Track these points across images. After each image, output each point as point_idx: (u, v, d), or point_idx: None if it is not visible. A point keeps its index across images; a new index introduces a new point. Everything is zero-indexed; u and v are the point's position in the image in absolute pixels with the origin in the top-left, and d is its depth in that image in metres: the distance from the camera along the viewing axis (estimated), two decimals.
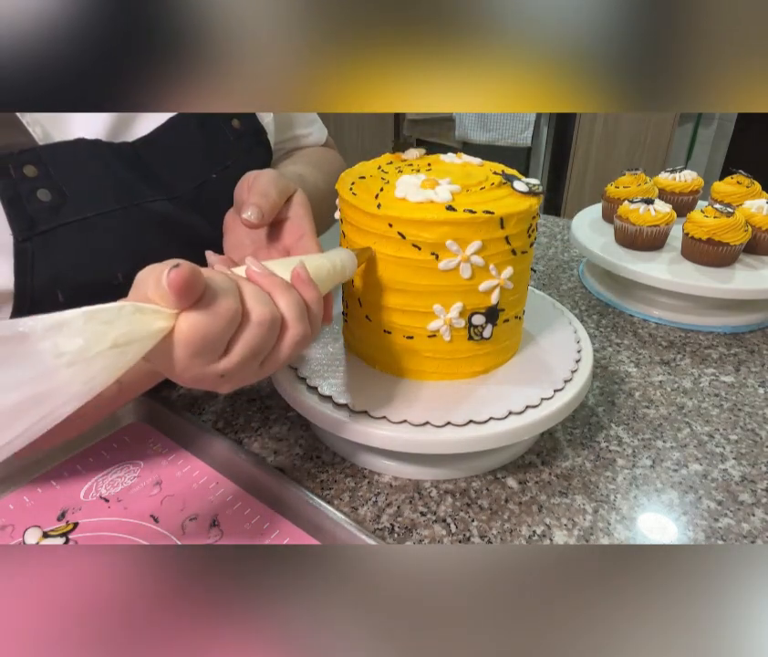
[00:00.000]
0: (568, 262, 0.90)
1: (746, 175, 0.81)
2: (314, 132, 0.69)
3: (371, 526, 0.45)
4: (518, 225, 0.44)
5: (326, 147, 0.72)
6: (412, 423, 0.43)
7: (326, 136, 0.73)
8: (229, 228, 0.46)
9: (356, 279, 0.48)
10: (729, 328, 0.72)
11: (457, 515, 0.46)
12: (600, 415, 0.57)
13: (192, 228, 0.49)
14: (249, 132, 0.55)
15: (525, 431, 0.44)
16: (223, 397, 0.59)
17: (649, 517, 0.46)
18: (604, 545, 0.43)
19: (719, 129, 2.44)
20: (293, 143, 0.67)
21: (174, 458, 0.51)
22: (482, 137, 2.45)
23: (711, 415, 0.57)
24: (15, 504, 0.46)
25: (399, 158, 0.52)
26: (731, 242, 0.69)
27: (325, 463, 0.51)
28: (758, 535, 0.45)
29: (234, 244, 0.45)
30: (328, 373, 0.49)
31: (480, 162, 0.51)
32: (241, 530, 0.44)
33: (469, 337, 0.46)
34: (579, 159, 2.39)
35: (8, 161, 0.40)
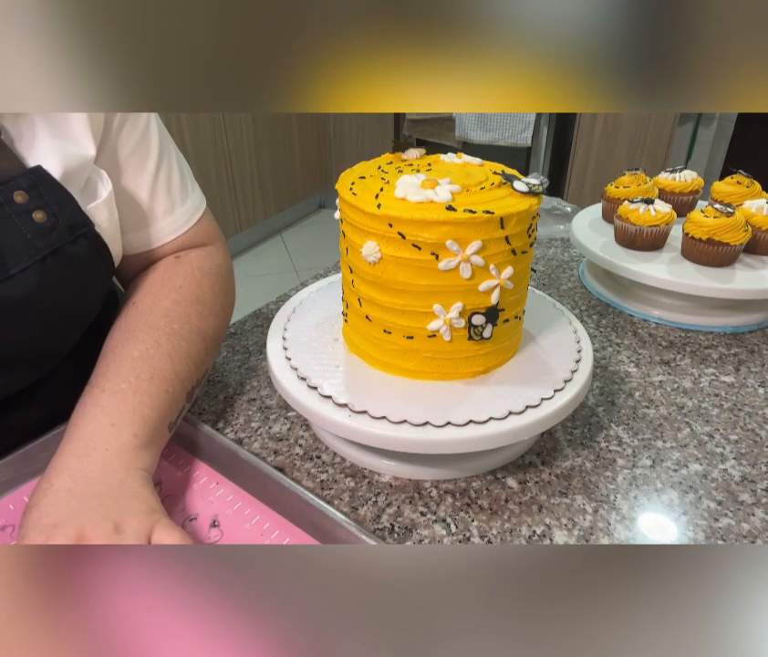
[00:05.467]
0: (568, 262, 0.90)
1: (746, 175, 0.80)
2: (177, 218, 0.55)
3: (371, 526, 0.45)
4: (518, 225, 0.44)
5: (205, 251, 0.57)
6: (412, 423, 0.43)
7: (203, 211, 0.58)
8: None
9: (355, 279, 0.48)
10: (729, 328, 0.72)
11: (457, 515, 0.46)
12: (600, 415, 0.57)
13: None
14: (61, 226, 0.44)
15: (525, 431, 0.44)
16: (223, 397, 0.59)
17: (649, 517, 0.46)
18: (604, 545, 0.43)
19: (719, 129, 2.44)
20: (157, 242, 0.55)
21: (174, 458, 0.50)
22: (482, 137, 2.45)
23: (711, 415, 0.57)
24: (15, 504, 0.46)
25: (399, 158, 0.52)
26: (731, 242, 0.69)
27: (325, 463, 0.51)
28: (758, 535, 0.45)
29: None
30: (328, 373, 0.49)
31: (480, 162, 0.51)
32: (241, 530, 0.44)
33: (469, 337, 0.46)
34: (579, 159, 2.39)
35: None
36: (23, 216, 0.43)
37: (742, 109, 0.36)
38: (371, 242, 0.44)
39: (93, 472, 0.41)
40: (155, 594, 0.28)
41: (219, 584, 0.28)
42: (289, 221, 3.24)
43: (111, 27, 0.33)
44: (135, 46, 0.34)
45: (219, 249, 0.60)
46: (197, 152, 2.49)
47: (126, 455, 0.42)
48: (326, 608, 0.27)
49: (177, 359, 0.49)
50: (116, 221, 0.51)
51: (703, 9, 0.34)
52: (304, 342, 0.53)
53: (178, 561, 0.29)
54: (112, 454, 0.42)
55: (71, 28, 0.33)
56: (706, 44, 0.35)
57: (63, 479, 0.40)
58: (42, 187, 0.43)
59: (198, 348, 0.51)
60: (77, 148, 0.46)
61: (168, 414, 0.47)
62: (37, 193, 0.43)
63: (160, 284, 0.53)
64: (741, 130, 2.38)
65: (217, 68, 0.35)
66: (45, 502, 0.39)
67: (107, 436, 0.42)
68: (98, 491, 0.39)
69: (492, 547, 0.43)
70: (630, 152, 2.30)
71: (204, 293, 0.54)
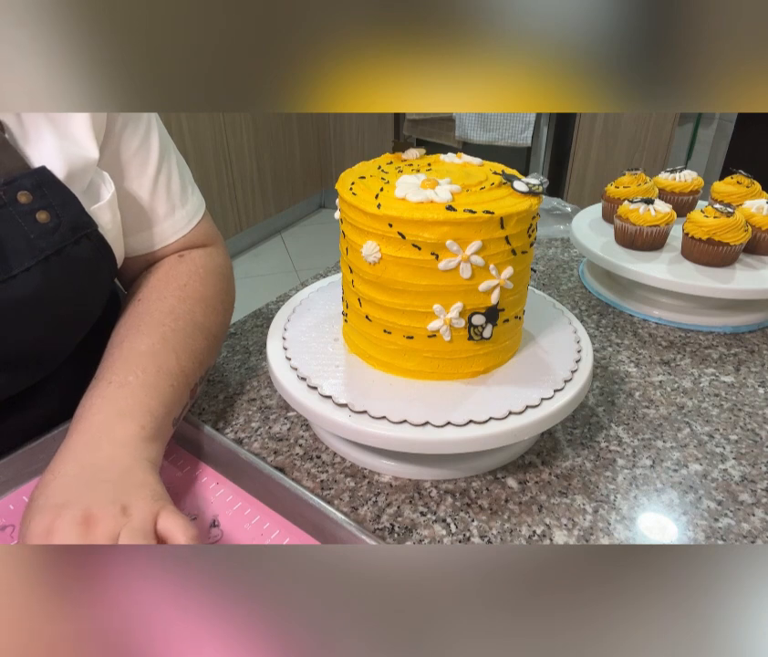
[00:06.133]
0: (568, 262, 0.90)
1: (746, 175, 0.81)
2: (178, 220, 0.56)
3: (371, 526, 0.45)
4: (518, 225, 0.44)
5: (206, 251, 0.58)
6: (412, 423, 0.43)
7: (203, 213, 0.59)
8: None
9: (355, 279, 0.48)
10: (729, 328, 0.72)
11: (457, 515, 0.46)
12: (600, 415, 0.57)
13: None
14: (64, 226, 0.44)
15: (525, 431, 0.44)
16: (223, 397, 0.59)
17: (649, 517, 0.46)
18: (604, 545, 0.43)
19: (719, 129, 2.44)
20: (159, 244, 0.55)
21: (174, 458, 0.50)
22: (482, 137, 2.45)
23: (711, 415, 0.57)
24: (15, 504, 0.46)
25: (399, 158, 0.52)
26: (731, 242, 0.69)
27: (325, 463, 0.51)
28: (758, 535, 0.45)
29: None
30: (328, 373, 0.49)
31: (480, 162, 0.51)
32: (241, 530, 0.44)
33: (469, 337, 0.46)
34: (579, 159, 2.39)
35: None
36: (26, 217, 0.43)
37: (742, 109, 0.36)
38: (371, 242, 0.44)
39: (100, 460, 0.41)
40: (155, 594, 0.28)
41: (219, 584, 0.28)
42: (289, 221, 3.24)
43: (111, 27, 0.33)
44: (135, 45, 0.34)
45: (219, 250, 0.60)
46: (197, 153, 2.49)
47: (133, 445, 0.42)
48: (326, 608, 0.27)
49: (182, 355, 0.49)
50: (118, 223, 0.51)
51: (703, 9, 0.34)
52: (304, 342, 0.53)
53: (178, 561, 0.29)
54: (119, 444, 0.42)
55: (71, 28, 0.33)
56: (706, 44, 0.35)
57: (70, 466, 0.40)
58: (46, 188, 0.43)
59: (202, 345, 0.52)
60: (81, 150, 0.46)
61: (173, 409, 0.47)
62: (41, 194, 0.43)
63: (164, 281, 0.53)
64: (741, 130, 2.38)
65: (217, 68, 0.35)
66: (52, 485, 0.39)
67: (114, 426, 0.42)
68: (105, 477, 0.39)
69: (492, 547, 0.43)
70: (630, 152, 2.30)
71: (208, 291, 0.55)
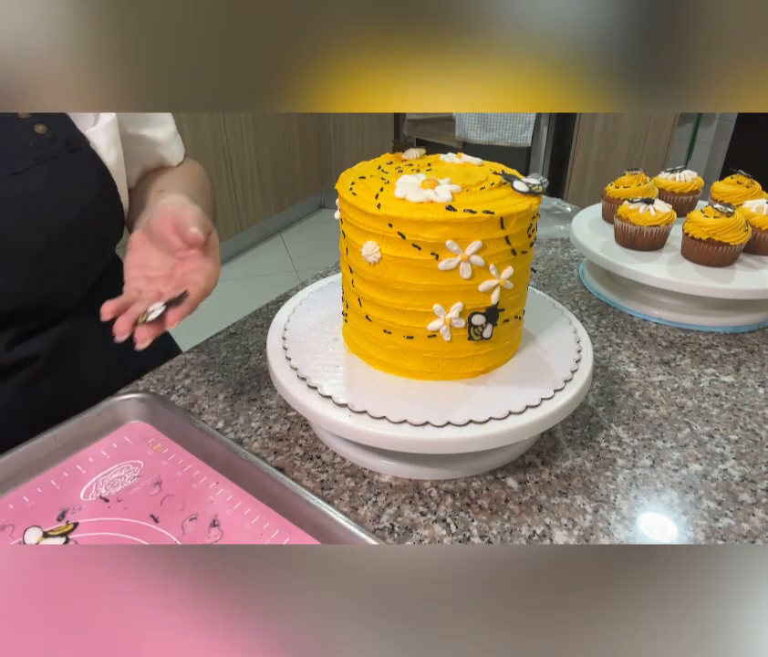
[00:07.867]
0: (568, 262, 0.90)
1: (746, 175, 0.80)
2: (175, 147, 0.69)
3: (371, 526, 0.45)
4: (518, 225, 0.44)
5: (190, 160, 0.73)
6: (412, 423, 0.43)
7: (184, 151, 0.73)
8: (136, 247, 0.50)
9: (355, 279, 0.48)
10: (729, 328, 0.72)
11: (457, 515, 0.46)
12: (600, 415, 0.57)
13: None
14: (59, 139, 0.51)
15: (525, 431, 0.44)
16: (222, 397, 0.59)
17: (649, 517, 0.46)
18: (604, 545, 0.43)
19: (719, 129, 2.44)
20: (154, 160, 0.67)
21: (174, 458, 0.50)
22: (482, 137, 2.45)
23: (711, 415, 0.57)
24: (14, 504, 0.46)
25: (399, 158, 0.52)
26: (731, 242, 0.69)
27: (325, 463, 0.51)
28: (758, 535, 0.45)
29: (140, 262, 0.49)
30: (328, 373, 0.49)
31: (480, 162, 0.51)
32: (241, 530, 0.44)
33: (469, 337, 0.46)
34: (579, 159, 2.39)
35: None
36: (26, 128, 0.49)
37: (742, 109, 0.36)
38: (371, 242, 0.44)
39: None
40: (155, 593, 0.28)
41: (219, 584, 0.28)
42: (289, 221, 3.24)
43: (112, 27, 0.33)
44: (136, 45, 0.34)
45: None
46: (197, 153, 2.49)
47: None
48: (326, 608, 0.27)
49: (202, 193, 0.64)
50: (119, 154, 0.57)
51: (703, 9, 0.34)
52: (304, 342, 0.53)
53: (178, 561, 0.29)
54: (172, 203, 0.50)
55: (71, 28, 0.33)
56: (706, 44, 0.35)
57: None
58: None
59: (210, 198, 0.68)
60: None
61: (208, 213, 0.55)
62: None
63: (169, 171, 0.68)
64: (741, 130, 2.38)
65: (217, 68, 0.35)
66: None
67: (167, 203, 0.50)
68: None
69: (492, 547, 0.43)
70: (630, 152, 2.30)
71: (203, 174, 0.72)
